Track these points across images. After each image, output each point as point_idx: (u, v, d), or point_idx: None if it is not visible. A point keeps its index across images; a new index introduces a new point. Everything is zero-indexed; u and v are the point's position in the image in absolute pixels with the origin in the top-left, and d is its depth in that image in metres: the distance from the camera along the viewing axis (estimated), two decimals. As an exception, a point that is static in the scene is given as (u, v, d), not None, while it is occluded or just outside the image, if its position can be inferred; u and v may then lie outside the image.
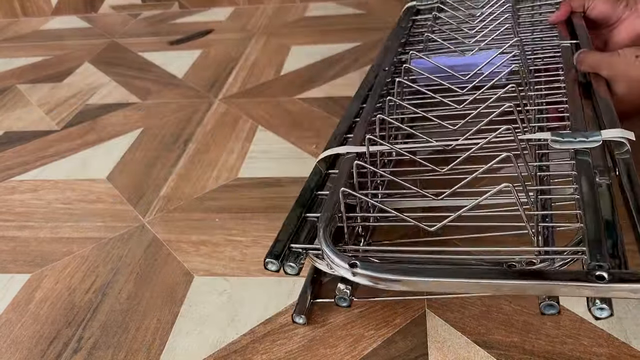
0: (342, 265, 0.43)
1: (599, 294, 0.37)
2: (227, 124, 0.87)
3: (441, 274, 0.41)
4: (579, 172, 0.48)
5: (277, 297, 0.54)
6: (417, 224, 0.46)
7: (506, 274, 0.40)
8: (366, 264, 0.43)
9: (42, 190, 0.76)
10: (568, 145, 0.51)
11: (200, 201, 0.70)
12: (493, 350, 0.47)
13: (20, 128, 0.94)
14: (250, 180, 0.73)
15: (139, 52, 1.22)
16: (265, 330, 0.51)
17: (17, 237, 0.67)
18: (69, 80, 1.10)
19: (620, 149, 0.49)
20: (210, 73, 1.07)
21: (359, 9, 1.35)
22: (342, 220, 0.49)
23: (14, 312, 0.56)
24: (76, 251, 0.64)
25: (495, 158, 0.48)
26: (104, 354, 0.50)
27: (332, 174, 0.57)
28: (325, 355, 0.48)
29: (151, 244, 0.63)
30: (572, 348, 0.46)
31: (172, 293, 0.56)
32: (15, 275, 0.61)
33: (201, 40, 1.26)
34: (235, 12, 1.43)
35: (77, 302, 0.56)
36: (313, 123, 0.85)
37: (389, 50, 0.76)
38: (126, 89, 1.04)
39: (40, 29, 1.46)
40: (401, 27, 0.84)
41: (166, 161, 0.79)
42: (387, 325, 0.50)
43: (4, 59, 1.26)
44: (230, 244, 0.62)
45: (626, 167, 0.47)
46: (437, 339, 0.48)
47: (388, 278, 0.42)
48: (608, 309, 0.37)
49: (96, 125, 0.92)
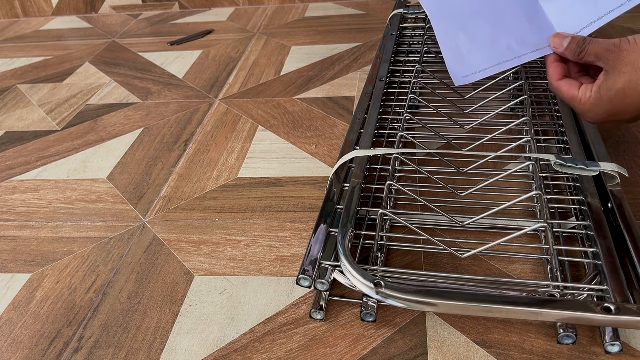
0: (366, 284, 0.46)
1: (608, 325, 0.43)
2: (228, 124, 0.87)
3: (467, 298, 0.44)
4: (589, 207, 0.53)
5: (277, 296, 0.54)
6: (448, 248, 0.49)
7: (533, 302, 0.43)
8: (390, 284, 0.45)
9: (43, 190, 0.76)
10: (569, 170, 0.56)
11: (200, 201, 0.70)
12: (492, 350, 0.47)
13: (21, 128, 0.94)
14: (250, 180, 0.73)
15: (140, 53, 1.22)
16: (265, 330, 0.51)
17: (18, 236, 0.67)
18: (69, 81, 1.11)
19: (613, 182, 0.55)
20: (210, 73, 1.07)
21: (359, 9, 1.35)
22: (376, 238, 0.52)
23: (15, 312, 0.56)
24: (77, 251, 0.64)
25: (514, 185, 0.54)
26: (104, 353, 0.50)
27: (345, 186, 0.59)
28: (325, 355, 0.48)
29: (152, 244, 0.63)
30: (571, 348, 0.46)
31: (172, 292, 0.56)
32: (16, 275, 0.61)
33: (201, 40, 1.26)
34: (235, 12, 1.43)
35: (77, 301, 0.57)
36: (313, 123, 0.85)
37: (383, 61, 0.80)
38: (127, 89, 1.04)
39: (41, 29, 1.46)
40: (392, 35, 0.87)
41: (166, 161, 0.79)
42: (387, 325, 0.50)
43: (4, 59, 1.26)
44: (230, 244, 0.62)
45: (619, 200, 0.53)
46: (436, 338, 0.48)
47: (412, 299, 0.44)
48: (619, 344, 0.44)
49: (97, 126, 0.92)
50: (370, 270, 0.49)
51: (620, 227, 0.50)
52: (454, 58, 0.54)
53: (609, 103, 0.48)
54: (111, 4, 1.53)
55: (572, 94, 0.51)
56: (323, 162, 0.75)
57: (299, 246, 0.60)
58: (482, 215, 0.53)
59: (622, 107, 0.47)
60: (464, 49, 0.55)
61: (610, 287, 0.45)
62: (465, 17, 0.56)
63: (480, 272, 0.54)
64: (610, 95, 0.47)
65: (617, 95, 0.47)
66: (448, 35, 0.55)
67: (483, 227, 0.58)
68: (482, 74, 0.54)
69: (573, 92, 0.50)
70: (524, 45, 0.54)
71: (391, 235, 0.58)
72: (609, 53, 0.47)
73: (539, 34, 0.53)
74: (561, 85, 0.51)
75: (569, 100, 0.51)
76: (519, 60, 0.54)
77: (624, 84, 0.46)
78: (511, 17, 0.54)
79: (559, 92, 0.52)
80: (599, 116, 0.50)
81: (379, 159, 0.66)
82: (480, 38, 0.55)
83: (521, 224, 0.57)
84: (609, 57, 0.47)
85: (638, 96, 0.46)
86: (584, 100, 0.49)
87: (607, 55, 0.47)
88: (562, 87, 0.51)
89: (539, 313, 0.42)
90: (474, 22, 0.55)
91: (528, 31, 0.54)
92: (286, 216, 0.65)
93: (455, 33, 0.55)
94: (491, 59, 0.54)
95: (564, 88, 0.51)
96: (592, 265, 0.50)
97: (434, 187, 0.62)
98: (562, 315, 0.42)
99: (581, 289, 0.46)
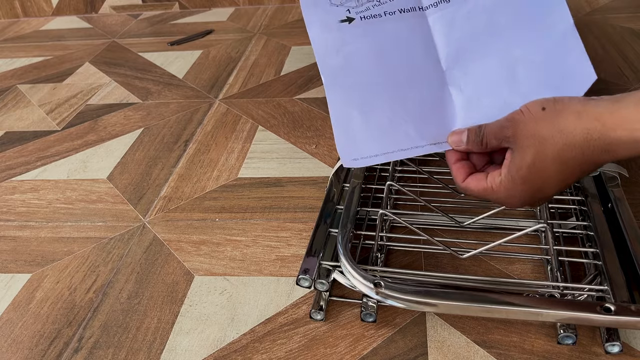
0: (365, 284, 0.46)
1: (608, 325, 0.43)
2: (228, 124, 0.87)
3: (467, 298, 0.44)
4: (589, 207, 0.54)
5: (277, 296, 0.54)
6: (447, 248, 0.49)
7: (534, 301, 0.43)
8: (389, 284, 0.45)
9: (42, 190, 0.76)
10: None
11: (200, 201, 0.70)
12: (492, 350, 0.47)
13: (21, 128, 0.94)
14: (250, 180, 0.73)
15: (140, 53, 1.22)
16: (265, 330, 0.51)
17: (18, 236, 0.67)
18: (69, 81, 1.11)
19: (613, 182, 0.55)
20: (210, 73, 1.07)
21: (359, 9, 1.35)
22: (376, 238, 0.52)
23: (15, 312, 0.56)
24: (77, 251, 0.64)
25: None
26: (104, 353, 0.50)
27: (345, 186, 0.59)
28: (325, 355, 0.48)
29: (152, 244, 0.63)
30: (571, 347, 0.46)
31: (172, 292, 0.56)
32: (16, 275, 0.61)
33: (201, 40, 1.26)
34: (235, 12, 1.43)
35: (77, 301, 0.57)
36: (313, 123, 0.85)
37: None
38: (126, 89, 1.04)
39: (40, 29, 1.46)
40: None
41: (166, 161, 0.79)
42: (387, 325, 0.50)
43: (4, 59, 1.26)
44: (230, 244, 0.62)
45: (619, 200, 0.53)
46: (436, 338, 0.48)
47: (412, 299, 0.45)
48: (619, 344, 0.44)
49: (97, 126, 0.92)
50: (370, 271, 0.49)
51: (620, 227, 0.50)
52: (345, 137, 0.48)
53: (523, 183, 0.41)
54: (111, 4, 1.53)
55: (481, 186, 0.44)
56: (323, 162, 0.75)
57: (299, 246, 0.60)
58: (482, 215, 0.53)
59: (540, 183, 0.41)
60: (357, 129, 0.48)
61: (610, 287, 0.45)
62: (364, 91, 0.49)
63: (480, 272, 0.54)
64: (523, 174, 0.41)
65: (529, 172, 0.41)
66: (342, 111, 0.48)
67: (483, 227, 0.58)
68: (374, 159, 0.48)
69: (481, 184, 0.44)
70: (423, 137, 0.48)
71: (391, 235, 0.58)
72: (506, 129, 0.42)
73: (440, 127, 0.48)
74: (468, 183, 0.45)
75: (482, 195, 0.45)
76: (415, 150, 0.48)
77: (532, 157, 0.40)
78: (414, 99, 0.48)
79: (469, 191, 0.45)
80: (520, 199, 0.43)
81: None
82: (376, 120, 0.48)
83: (521, 224, 0.57)
84: (507, 133, 0.42)
85: (551, 165, 0.40)
86: (495, 187, 0.43)
87: (505, 132, 0.42)
88: (470, 184, 0.45)
89: (539, 313, 0.42)
90: (373, 100, 0.49)
91: (430, 120, 0.48)
92: (286, 216, 0.65)
93: (349, 111, 0.48)
94: (385, 145, 0.48)
95: (472, 185, 0.45)
96: (592, 265, 0.50)
97: (434, 187, 0.62)
98: (562, 315, 0.42)
99: (581, 289, 0.46)
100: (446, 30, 0.48)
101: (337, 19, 0.49)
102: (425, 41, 0.48)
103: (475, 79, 0.47)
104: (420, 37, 0.48)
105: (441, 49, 0.48)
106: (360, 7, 0.49)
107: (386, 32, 0.49)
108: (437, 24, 0.48)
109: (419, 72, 0.48)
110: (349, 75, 0.48)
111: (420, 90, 0.48)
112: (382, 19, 0.49)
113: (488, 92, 0.47)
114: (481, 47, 0.47)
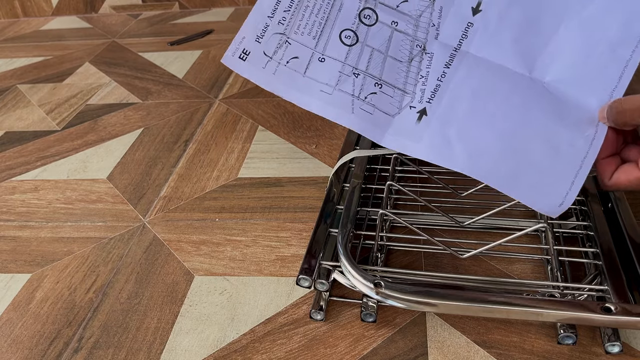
0: (365, 284, 0.46)
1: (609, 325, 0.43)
2: (228, 124, 0.87)
3: (467, 298, 0.44)
4: (589, 207, 0.54)
5: (277, 296, 0.54)
6: (448, 248, 0.49)
7: (534, 301, 0.43)
8: (389, 284, 0.46)
9: (42, 190, 0.76)
10: None
11: (200, 201, 0.70)
12: (493, 350, 0.47)
13: (21, 128, 0.94)
14: (250, 180, 0.73)
15: (140, 53, 1.22)
16: (265, 330, 0.51)
17: (17, 236, 0.67)
18: (69, 81, 1.11)
19: None
20: (210, 73, 1.07)
21: (359, 9, 1.35)
22: (376, 238, 0.52)
23: (15, 312, 0.56)
24: (77, 251, 0.64)
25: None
26: (104, 353, 0.50)
27: (345, 186, 0.59)
28: (325, 355, 0.48)
29: (151, 244, 0.63)
30: (571, 347, 0.46)
31: (172, 293, 0.56)
32: (15, 275, 0.61)
33: (201, 40, 1.26)
34: (235, 12, 1.43)
35: (77, 301, 0.57)
36: (313, 123, 0.85)
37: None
38: (126, 89, 1.04)
39: (40, 29, 1.46)
40: None
41: (166, 161, 0.79)
42: (387, 325, 0.50)
43: (4, 59, 1.26)
44: (230, 244, 0.62)
45: (619, 200, 0.53)
46: (436, 338, 0.48)
47: (412, 299, 0.45)
48: (619, 344, 0.44)
49: (96, 125, 0.92)
50: (370, 271, 0.49)
51: (620, 227, 0.50)
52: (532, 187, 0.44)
53: None
54: (111, 4, 1.53)
55: (633, 176, 0.40)
56: (323, 162, 0.75)
57: (299, 246, 0.60)
58: (482, 215, 0.53)
59: None
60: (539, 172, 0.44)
61: (610, 287, 0.45)
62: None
63: (480, 272, 0.54)
64: None
65: None
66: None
67: (483, 227, 0.58)
68: (572, 190, 0.44)
69: (634, 174, 0.40)
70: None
71: (391, 235, 0.58)
72: None
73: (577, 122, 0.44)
74: (617, 178, 0.41)
75: (637, 185, 0.41)
76: (586, 161, 0.43)
77: None
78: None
79: (618, 186, 0.41)
80: None
81: (378, 159, 0.66)
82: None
83: (521, 224, 0.57)
84: None
85: None
86: None
87: None
88: (620, 179, 0.41)
89: (539, 313, 0.42)
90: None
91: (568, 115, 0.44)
92: (286, 216, 0.65)
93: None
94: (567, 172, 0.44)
95: (622, 178, 0.41)
96: (592, 265, 0.50)
97: (434, 187, 0.62)
98: (562, 315, 0.42)
99: (581, 289, 0.46)
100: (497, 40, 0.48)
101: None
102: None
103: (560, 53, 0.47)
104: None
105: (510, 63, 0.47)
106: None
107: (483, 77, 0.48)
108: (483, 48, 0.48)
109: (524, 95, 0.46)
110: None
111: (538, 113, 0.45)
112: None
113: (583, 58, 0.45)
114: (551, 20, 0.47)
